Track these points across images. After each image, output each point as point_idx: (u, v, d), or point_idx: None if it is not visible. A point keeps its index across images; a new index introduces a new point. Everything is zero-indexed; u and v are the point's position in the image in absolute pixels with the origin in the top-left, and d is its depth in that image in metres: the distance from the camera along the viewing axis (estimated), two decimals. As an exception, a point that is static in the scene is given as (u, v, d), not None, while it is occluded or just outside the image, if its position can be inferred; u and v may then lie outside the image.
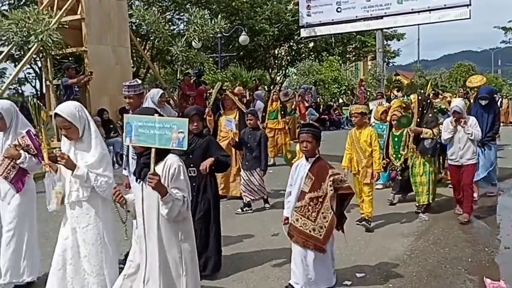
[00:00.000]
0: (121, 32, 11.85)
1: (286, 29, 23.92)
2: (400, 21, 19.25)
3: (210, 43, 20.15)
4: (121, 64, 11.84)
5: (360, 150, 5.73)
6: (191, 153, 4.24)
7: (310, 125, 4.04)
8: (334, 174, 3.74)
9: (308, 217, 3.79)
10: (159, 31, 13.31)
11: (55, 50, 10.52)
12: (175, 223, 2.92)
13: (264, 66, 25.51)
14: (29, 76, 21.90)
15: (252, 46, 22.77)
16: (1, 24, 9.92)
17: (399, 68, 39.49)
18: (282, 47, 26.72)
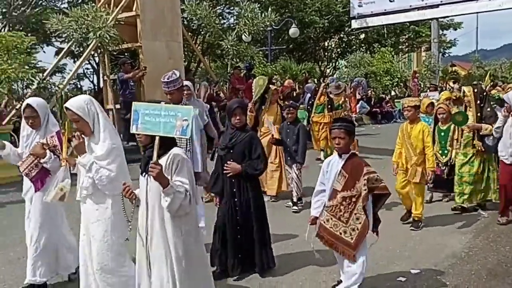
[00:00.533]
0: (174, 27, 12.11)
1: (336, 21, 23.55)
2: (457, 9, 18.46)
3: (260, 36, 20.20)
4: (173, 59, 12.09)
5: (411, 147, 5.42)
6: (231, 148, 4.09)
7: (342, 120, 3.87)
8: (369, 172, 3.51)
9: (340, 218, 3.56)
10: (210, 25, 13.50)
11: (112, 46, 10.92)
12: (178, 217, 2.84)
13: (313, 59, 25.28)
14: (87, 72, 22.79)
15: (301, 38, 22.60)
16: (62, 22, 10.40)
17: (456, 59, 37.95)
18: (332, 39, 26.35)
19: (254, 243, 4.11)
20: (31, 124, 3.80)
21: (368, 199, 3.52)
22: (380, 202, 3.67)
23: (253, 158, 4.04)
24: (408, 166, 5.45)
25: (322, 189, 3.73)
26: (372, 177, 3.51)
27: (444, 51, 30.84)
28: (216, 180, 4.23)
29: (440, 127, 6.34)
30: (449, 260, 4.54)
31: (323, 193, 3.70)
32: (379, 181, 3.53)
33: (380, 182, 3.53)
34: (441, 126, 6.34)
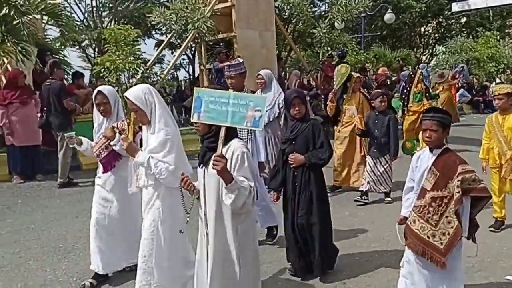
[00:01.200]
0: (267, 17, 12.25)
1: (435, 4, 22.29)
2: None
3: (353, 23, 19.72)
4: (266, 48, 12.26)
5: (504, 140, 4.85)
6: (293, 140, 3.88)
7: (436, 110, 3.32)
8: (464, 171, 3.03)
9: (428, 220, 3.15)
10: (302, 14, 13.46)
11: (208, 36, 11.35)
12: (236, 215, 2.67)
13: (409, 46, 24.19)
14: (183, 62, 23.89)
15: (396, 24, 21.71)
16: (164, 15, 10.99)
17: None
18: (430, 24, 24.98)
19: (315, 241, 3.85)
20: (102, 111, 3.81)
21: (462, 203, 3.06)
22: (479, 206, 3.17)
23: (317, 148, 3.81)
24: (502, 161, 4.88)
25: (411, 186, 3.40)
26: (468, 177, 3.03)
27: (559, 34, 27.85)
28: (275, 175, 4.03)
29: None
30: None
31: (413, 191, 3.37)
32: (477, 182, 3.04)
33: (478, 183, 3.04)
34: None
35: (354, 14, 13.56)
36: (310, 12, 14.17)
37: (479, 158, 5.14)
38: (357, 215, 5.74)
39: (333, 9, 13.78)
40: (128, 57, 9.64)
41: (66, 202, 6.59)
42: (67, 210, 6.21)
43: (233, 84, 4.52)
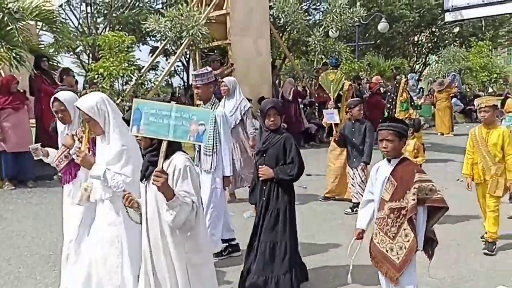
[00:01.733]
0: (262, 24, 12.32)
1: (428, 14, 22.48)
2: None
3: (347, 32, 19.82)
4: (261, 55, 12.32)
5: (488, 155, 4.64)
6: (264, 152, 3.72)
7: (392, 119, 3.20)
8: (421, 180, 2.93)
9: (386, 233, 3.03)
10: (297, 22, 13.51)
11: (203, 43, 11.38)
12: (181, 232, 2.54)
13: (402, 54, 24.35)
14: (177, 69, 23.88)
15: (390, 33, 21.86)
16: (159, 22, 11.01)
17: None
18: (423, 34, 25.19)
19: (276, 260, 3.63)
20: (61, 119, 3.63)
21: (415, 211, 2.93)
22: (436, 218, 3.04)
23: (287, 163, 3.64)
24: (487, 177, 4.69)
25: (370, 198, 3.23)
26: (425, 186, 2.93)
27: (550, 44, 28.19)
28: (253, 189, 3.90)
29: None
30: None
31: (371, 203, 3.21)
32: (434, 192, 2.93)
33: (435, 193, 2.92)
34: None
35: (348, 23, 13.64)
36: (304, 20, 14.22)
37: (462, 174, 4.99)
38: (349, 224, 5.67)
39: (327, 18, 13.85)
40: (122, 64, 9.64)
41: (57, 209, 6.51)
42: (58, 217, 6.12)
43: (200, 94, 4.38)
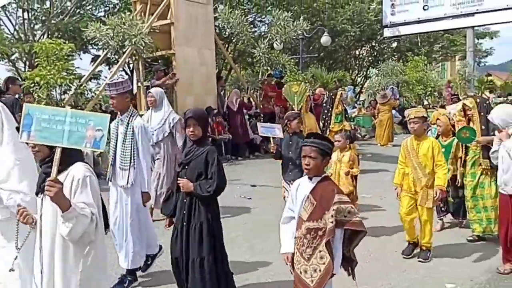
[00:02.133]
0: (207, 35, 12.29)
1: (368, 29, 23.35)
2: (494, 18, 17.97)
3: (291, 44, 20.18)
4: (206, 66, 12.28)
5: (419, 166, 4.65)
6: (186, 164, 3.55)
7: (316, 136, 3.05)
8: (341, 201, 2.83)
9: (302, 254, 2.89)
10: (242, 33, 13.62)
11: (146, 53, 11.18)
12: (78, 248, 2.38)
13: (344, 67, 25.12)
14: (120, 78, 23.28)
15: (333, 47, 22.50)
16: (100, 30, 10.70)
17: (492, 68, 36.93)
18: (364, 48, 26.13)
19: (197, 276, 3.45)
20: None
21: (333, 234, 2.82)
22: (356, 240, 2.97)
23: (208, 178, 3.47)
24: (417, 189, 4.71)
25: (291, 216, 3.09)
26: (343, 207, 2.83)
27: (479, 60, 30.15)
28: (168, 199, 3.75)
29: (441, 141, 5.55)
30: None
31: (294, 220, 3.05)
32: (353, 214, 2.85)
33: (353, 215, 2.85)
34: (442, 140, 5.61)
35: (292, 35, 13.91)
36: (250, 32, 14.36)
37: (393, 183, 4.99)
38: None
39: (272, 30, 14.06)
40: (61, 72, 9.28)
41: None
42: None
43: (115, 104, 4.18)
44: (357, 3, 23.38)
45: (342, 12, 22.35)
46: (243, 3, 20.35)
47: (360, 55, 26.59)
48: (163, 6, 11.30)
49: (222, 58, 17.97)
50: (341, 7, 22.58)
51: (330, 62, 24.90)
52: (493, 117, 4.46)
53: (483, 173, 5.27)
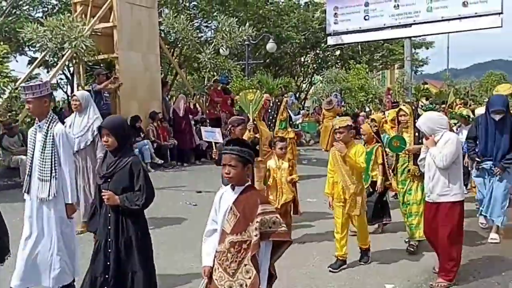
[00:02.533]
0: (151, 39, 12.09)
1: (312, 37, 23.90)
2: (429, 29, 18.93)
3: (237, 50, 20.25)
4: (150, 70, 12.07)
5: (347, 173, 4.62)
6: (110, 177, 3.35)
7: (236, 142, 2.89)
8: (265, 212, 2.69)
9: (226, 269, 2.73)
10: (187, 39, 13.51)
11: (87, 56, 10.80)
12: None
13: (290, 74, 25.52)
14: (60, 82, 22.41)
15: (278, 53, 22.83)
16: (37, 31, 10.24)
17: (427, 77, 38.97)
18: (309, 55, 26.69)
19: None
20: None
21: (258, 247, 2.69)
22: (279, 252, 2.84)
23: (136, 190, 3.30)
24: (346, 196, 4.68)
25: (214, 228, 2.92)
26: (267, 219, 2.70)
27: (416, 69, 31.61)
28: (93, 215, 3.53)
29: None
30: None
31: (217, 233, 2.89)
32: (278, 225, 2.72)
33: (279, 226, 2.72)
34: (366, 148, 5.58)
35: (238, 41, 13.96)
36: (195, 37, 14.28)
37: (324, 193, 4.97)
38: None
39: (218, 36, 14.05)
40: (-6, 75, 8.79)
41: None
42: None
43: (31, 109, 3.93)
44: (302, 11, 23.93)
45: (287, 19, 22.76)
46: (188, 8, 20.22)
47: (305, 62, 27.12)
48: (105, 8, 10.99)
49: (168, 63, 17.72)
50: (287, 14, 22.99)
51: (276, 68, 25.23)
52: (420, 124, 4.46)
53: (412, 180, 5.30)
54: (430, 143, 4.35)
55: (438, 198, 4.32)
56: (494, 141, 5.53)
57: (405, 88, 20.68)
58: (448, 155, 4.18)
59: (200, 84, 14.59)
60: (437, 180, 4.30)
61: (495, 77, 31.27)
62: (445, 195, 4.28)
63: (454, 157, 4.24)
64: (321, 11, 23.67)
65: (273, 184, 5.33)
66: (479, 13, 16.95)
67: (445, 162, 4.19)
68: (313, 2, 26.26)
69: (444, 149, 4.22)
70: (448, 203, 4.28)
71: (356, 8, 19.73)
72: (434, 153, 4.27)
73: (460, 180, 4.38)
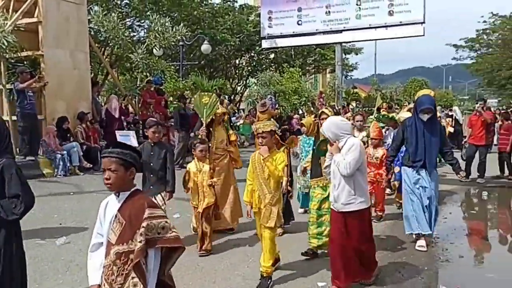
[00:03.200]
0: (80, 37, 11.59)
1: (247, 40, 24.11)
2: (358, 36, 19.76)
3: (171, 51, 19.98)
4: (79, 69, 11.57)
5: (264, 182, 4.30)
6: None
7: (116, 145, 2.66)
8: (152, 216, 2.46)
9: (112, 284, 2.47)
10: (118, 38, 13.07)
11: (9, 53, 10.16)
12: None
13: (225, 76, 25.56)
14: (-21, 80, 20.88)
15: (213, 55, 22.80)
16: (-49, 24, 9.46)
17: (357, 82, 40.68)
18: (243, 58, 26.89)
19: None
20: None
21: (143, 255, 2.43)
22: (172, 259, 2.58)
23: (9, 197, 2.93)
24: (261, 206, 4.33)
25: (99, 241, 2.64)
26: (155, 224, 2.45)
27: (346, 74, 32.87)
28: None
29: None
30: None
31: (103, 247, 2.61)
32: (168, 230, 2.48)
33: (168, 231, 2.48)
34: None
35: (171, 41, 13.73)
36: (127, 36, 13.86)
37: (243, 200, 4.70)
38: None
39: (151, 36, 13.74)
40: None
41: None
42: None
43: None
44: (237, 13, 24.05)
45: (222, 21, 22.80)
46: (120, 6, 19.67)
47: (240, 65, 27.28)
48: (30, 2, 10.38)
49: (98, 62, 17.10)
50: (221, 16, 23.03)
51: (210, 70, 25.17)
52: (324, 130, 4.20)
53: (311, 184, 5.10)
54: (335, 149, 4.12)
55: (343, 207, 4.11)
56: (424, 143, 5.33)
57: (337, 92, 21.42)
58: (352, 162, 3.97)
59: (132, 84, 14.17)
60: (342, 188, 4.09)
61: (418, 83, 33.33)
62: (350, 203, 4.09)
63: (358, 164, 4.03)
64: (256, 14, 23.94)
65: (194, 188, 5.24)
66: (403, 22, 17.93)
67: (348, 170, 3.98)
68: (247, 5, 26.54)
69: (348, 156, 4.01)
70: (354, 212, 4.11)
71: (290, 13, 20.16)
72: (338, 160, 4.06)
73: (365, 187, 4.20)
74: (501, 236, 6.80)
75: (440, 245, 5.76)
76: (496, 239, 6.66)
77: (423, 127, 5.36)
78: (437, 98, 28.12)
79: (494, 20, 28.44)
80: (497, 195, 9.53)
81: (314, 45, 24.76)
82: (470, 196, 9.40)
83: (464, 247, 5.79)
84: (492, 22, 28.58)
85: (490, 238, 6.65)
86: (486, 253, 5.91)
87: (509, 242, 6.55)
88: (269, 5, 20.26)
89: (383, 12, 18.23)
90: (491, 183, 10.18)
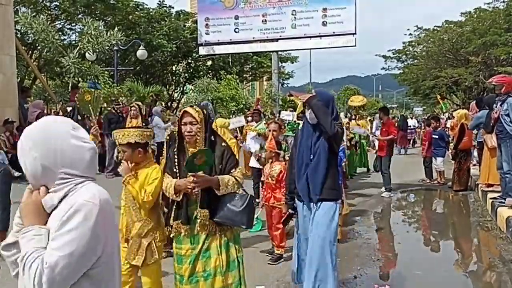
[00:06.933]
0: (5, 39, 10.96)
1: (184, 46, 23.95)
2: (294, 44, 20.29)
3: (106, 56, 19.40)
4: (4, 73, 10.92)
5: (132, 206, 3.37)
6: None
7: None
8: None
9: None
10: (48, 41, 12.53)
11: None
12: None
13: (161, 82, 25.21)
14: None
15: (149, 61, 22.41)
16: None
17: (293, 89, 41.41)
18: (180, 64, 26.67)
19: None
20: None
21: None
22: None
23: None
24: (129, 237, 3.37)
25: None
26: None
27: (283, 81, 33.52)
28: None
29: None
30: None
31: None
32: None
33: None
34: None
35: (105, 46, 13.35)
36: (57, 40, 13.31)
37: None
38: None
39: (83, 39, 13.28)
40: None
41: None
42: None
43: None
44: (173, 19, 23.82)
45: (158, 27, 22.50)
46: (49, 8, 18.87)
47: (176, 71, 27.03)
48: None
49: (25, 66, 16.25)
50: (157, 22, 22.73)
51: (147, 76, 24.72)
52: None
53: None
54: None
55: None
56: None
57: (273, 99, 21.80)
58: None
59: (63, 90, 13.60)
60: None
61: (350, 91, 34.75)
62: None
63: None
64: (193, 21, 23.87)
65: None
66: (336, 32, 18.64)
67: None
68: (184, 12, 26.38)
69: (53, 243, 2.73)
70: None
71: (227, 21, 20.30)
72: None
73: None
74: (425, 236, 7.22)
75: (371, 246, 6.06)
76: (421, 239, 7.07)
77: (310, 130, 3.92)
78: (368, 106, 29.47)
79: (419, 33, 30.21)
80: (419, 198, 10.12)
81: (251, 53, 25.07)
82: (397, 200, 9.90)
83: (392, 248, 6.13)
84: (417, 35, 30.34)
85: (416, 238, 7.04)
86: (413, 253, 6.26)
87: (432, 241, 6.97)
88: (206, 12, 20.29)
89: (317, 22, 18.85)
90: (411, 187, 10.81)
